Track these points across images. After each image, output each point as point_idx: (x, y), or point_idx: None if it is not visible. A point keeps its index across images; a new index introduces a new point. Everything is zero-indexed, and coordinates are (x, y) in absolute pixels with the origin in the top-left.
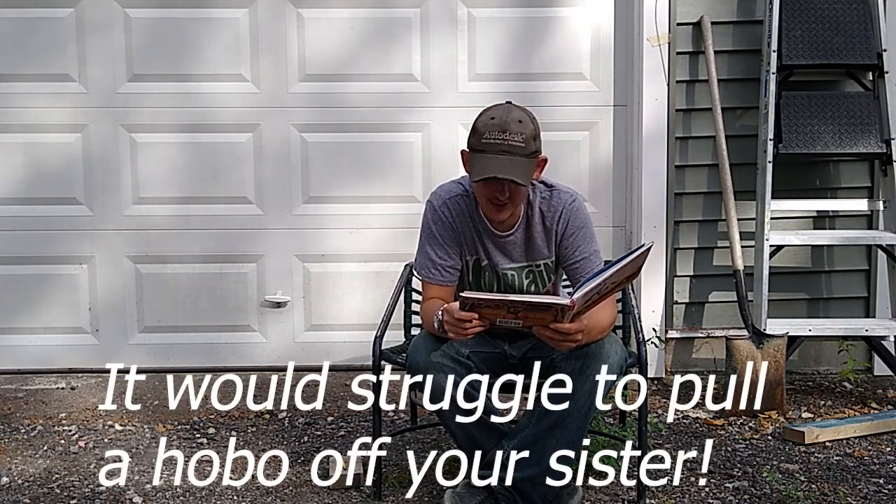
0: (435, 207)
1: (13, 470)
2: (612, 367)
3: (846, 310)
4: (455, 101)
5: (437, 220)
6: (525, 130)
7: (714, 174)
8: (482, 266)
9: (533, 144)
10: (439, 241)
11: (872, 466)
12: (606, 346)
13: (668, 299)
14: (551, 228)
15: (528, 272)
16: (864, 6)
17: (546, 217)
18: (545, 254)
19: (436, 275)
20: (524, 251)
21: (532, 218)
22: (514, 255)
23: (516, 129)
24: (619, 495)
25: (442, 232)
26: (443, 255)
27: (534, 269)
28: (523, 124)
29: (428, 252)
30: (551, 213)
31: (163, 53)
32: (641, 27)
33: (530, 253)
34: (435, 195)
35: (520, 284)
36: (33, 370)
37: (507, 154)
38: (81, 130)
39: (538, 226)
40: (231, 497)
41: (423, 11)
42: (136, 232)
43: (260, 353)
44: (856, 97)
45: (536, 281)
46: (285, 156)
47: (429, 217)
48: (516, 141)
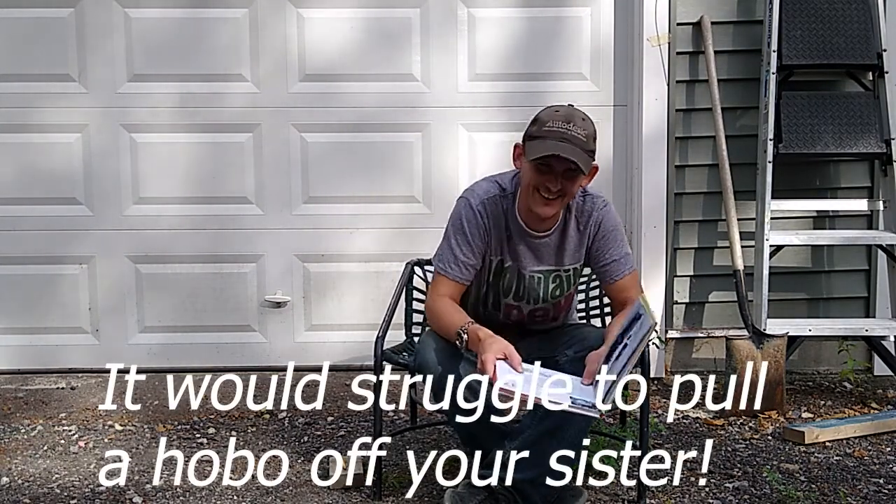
0: (471, 205)
1: (13, 470)
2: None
3: (846, 310)
4: (455, 101)
5: (472, 218)
6: (588, 128)
7: (714, 174)
8: (505, 267)
9: (593, 144)
10: (468, 238)
11: (872, 466)
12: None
13: (668, 299)
14: (584, 232)
15: (556, 276)
16: (864, 6)
17: (580, 222)
18: (575, 258)
19: (455, 271)
20: (555, 255)
21: (569, 222)
22: (544, 257)
23: (580, 123)
24: (619, 495)
25: (473, 231)
26: (468, 254)
27: (561, 273)
28: (586, 122)
29: (453, 247)
30: (584, 217)
31: (163, 53)
32: (641, 27)
33: (560, 257)
34: (471, 192)
35: (545, 288)
36: (33, 370)
37: (569, 143)
38: (81, 130)
39: (573, 230)
40: (231, 497)
41: (423, 11)
42: (136, 232)
43: (260, 353)
44: (856, 97)
45: (562, 286)
46: (285, 156)
47: (462, 213)
48: (579, 133)
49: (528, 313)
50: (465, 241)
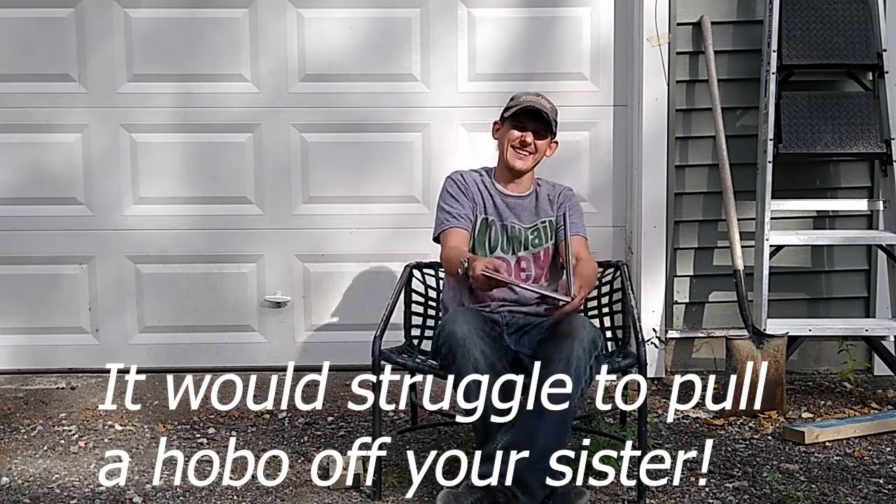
0: (450, 177)
1: (13, 470)
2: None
3: (846, 310)
4: (455, 101)
5: (453, 183)
6: (552, 104)
7: (714, 174)
8: (489, 223)
9: (554, 117)
10: (454, 197)
11: (872, 466)
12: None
13: (668, 299)
14: (554, 201)
15: (534, 230)
16: (864, 6)
17: (551, 195)
18: (550, 213)
19: (453, 221)
20: (532, 213)
21: (540, 193)
22: (522, 215)
23: (545, 98)
24: (619, 495)
25: (456, 190)
26: (458, 206)
27: (538, 225)
28: (550, 101)
29: (444, 208)
30: (554, 191)
31: (163, 53)
32: (641, 27)
33: (536, 215)
34: (452, 173)
35: (525, 237)
36: (33, 370)
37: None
38: (81, 130)
39: (544, 198)
40: (231, 497)
41: (423, 11)
42: (136, 232)
43: (260, 353)
44: (856, 97)
45: (540, 236)
46: (285, 156)
47: (445, 185)
48: (546, 105)
49: (515, 264)
50: (453, 199)
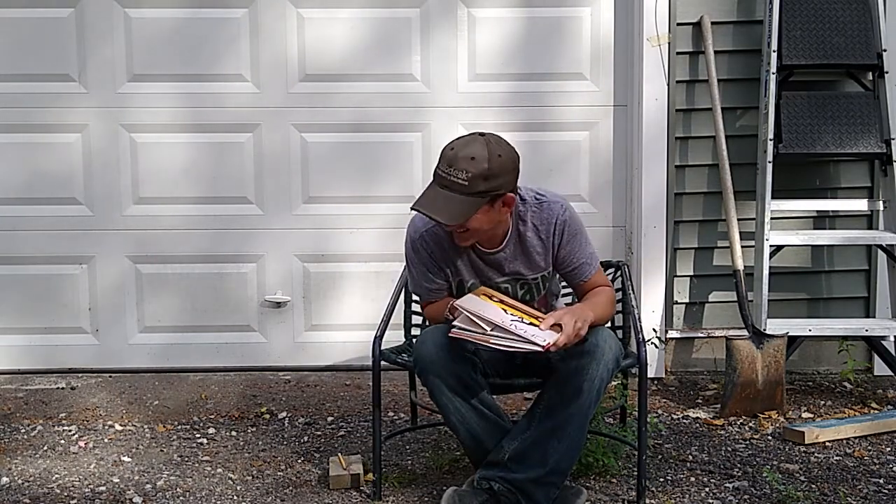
0: (412, 241)
1: (13, 470)
2: (609, 364)
3: (846, 310)
4: (455, 101)
5: (415, 252)
6: (474, 168)
7: (714, 174)
8: (468, 285)
9: (481, 184)
10: (423, 270)
11: (872, 466)
12: (601, 343)
13: (668, 299)
14: (548, 240)
15: (522, 284)
16: (864, 6)
17: (540, 230)
18: (541, 266)
19: (429, 295)
20: (518, 264)
21: (525, 233)
22: (505, 268)
23: (464, 165)
24: (619, 495)
25: (422, 263)
26: (431, 279)
27: (529, 281)
28: (475, 161)
29: (416, 276)
30: (545, 225)
31: (163, 53)
32: (641, 27)
33: (525, 266)
34: (411, 226)
35: (514, 293)
36: (33, 370)
37: (446, 189)
38: (81, 130)
39: (534, 239)
40: (231, 497)
41: (423, 11)
42: (136, 232)
43: (260, 353)
44: (856, 97)
45: (531, 292)
46: (285, 156)
47: (408, 248)
48: (459, 178)
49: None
50: (422, 272)
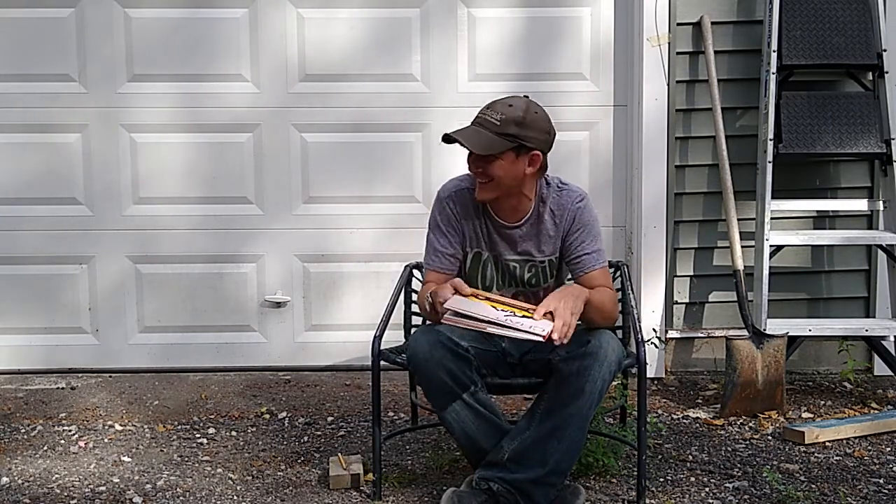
0: (441, 198)
1: (13, 470)
2: (611, 365)
3: (846, 310)
4: (455, 101)
5: (442, 210)
6: (509, 113)
7: (714, 174)
8: (482, 258)
9: (512, 127)
10: (442, 230)
11: (872, 466)
12: (604, 344)
13: (668, 299)
14: (560, 225)
15: (531, 266)
16: (864, 6)
17: (556, 215)
18: (550, 251)
19: (436, 261)
20: (530, 244)
21: (543, 215)
22: (518, 246)
23: (500, 108)
24: (619, 495)
25: (444, 222)
26: (444, 244)
27: (536, 263)
28: (511, 108)
29: (431, 240)
30: (560, 210)
31: (163, 53)
32: (641, 27)
33: (535, 246)
34: (443, 188)
35: (521, 275)
36: (33, 370)
37: (478, 125)
38: (81, 130)
39: (549, 223)
40: (231, 497)
41: (423, 11)
42: (136, 232)
43: (260, 353)
44: (856, 97)
45: (538, 275)
46: (285, 156)
47: (435, 208)
48: (493, 117)
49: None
50: (440, 233)
